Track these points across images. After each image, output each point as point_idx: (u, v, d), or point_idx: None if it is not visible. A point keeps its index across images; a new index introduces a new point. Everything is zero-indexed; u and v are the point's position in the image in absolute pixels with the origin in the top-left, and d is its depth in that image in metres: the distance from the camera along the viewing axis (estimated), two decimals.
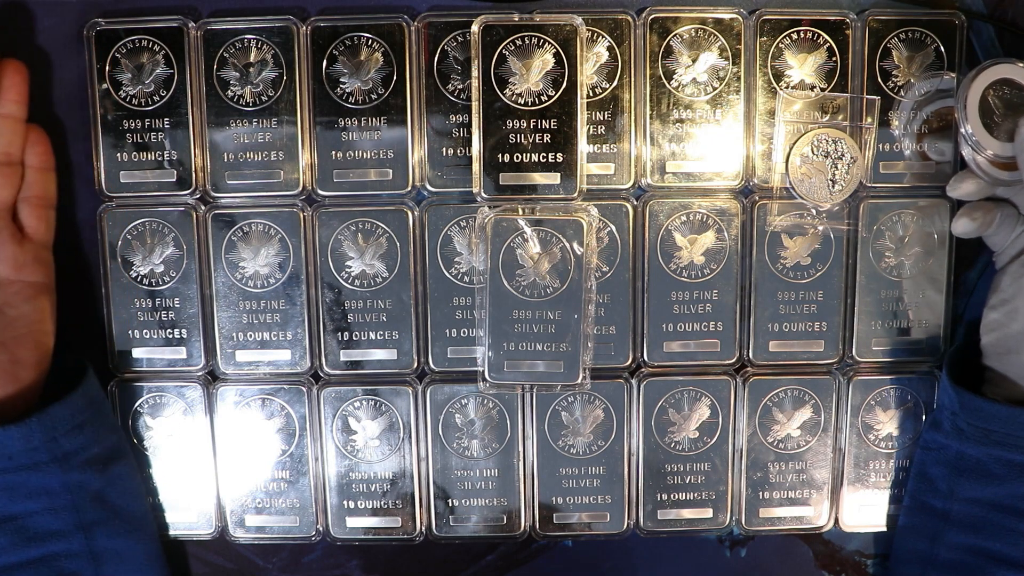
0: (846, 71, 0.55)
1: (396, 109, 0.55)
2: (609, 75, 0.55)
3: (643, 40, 0.54)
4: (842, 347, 0.57)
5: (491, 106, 0.54)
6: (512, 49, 0.54)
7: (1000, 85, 0.49)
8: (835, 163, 0.54)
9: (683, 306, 0.56)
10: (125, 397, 0.57)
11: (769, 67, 0.55)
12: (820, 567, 0.60)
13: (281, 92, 0.54)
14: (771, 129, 0.55)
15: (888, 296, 0.57)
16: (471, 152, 0.55)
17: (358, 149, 0.55)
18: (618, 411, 0.57)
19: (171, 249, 0.56)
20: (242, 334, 0.56)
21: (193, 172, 0.55)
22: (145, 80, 0.54)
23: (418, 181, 0.55)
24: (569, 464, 0.58)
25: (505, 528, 0.58)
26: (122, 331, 0.57)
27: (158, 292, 0.56)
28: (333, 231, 0.56)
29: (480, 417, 0.57)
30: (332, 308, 0.56)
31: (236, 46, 0.54)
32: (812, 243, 0.56)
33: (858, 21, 0.55)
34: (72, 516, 0.50)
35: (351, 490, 0.58)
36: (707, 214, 0.56)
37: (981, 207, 0.51)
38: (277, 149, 0.55)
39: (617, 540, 0.59)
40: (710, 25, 0.54)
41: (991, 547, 0.50)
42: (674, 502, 0.58)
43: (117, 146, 0.55)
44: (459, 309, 0.56)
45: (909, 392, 0.58)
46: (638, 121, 0.55)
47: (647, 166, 0.55)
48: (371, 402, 0.57)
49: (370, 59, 0.54)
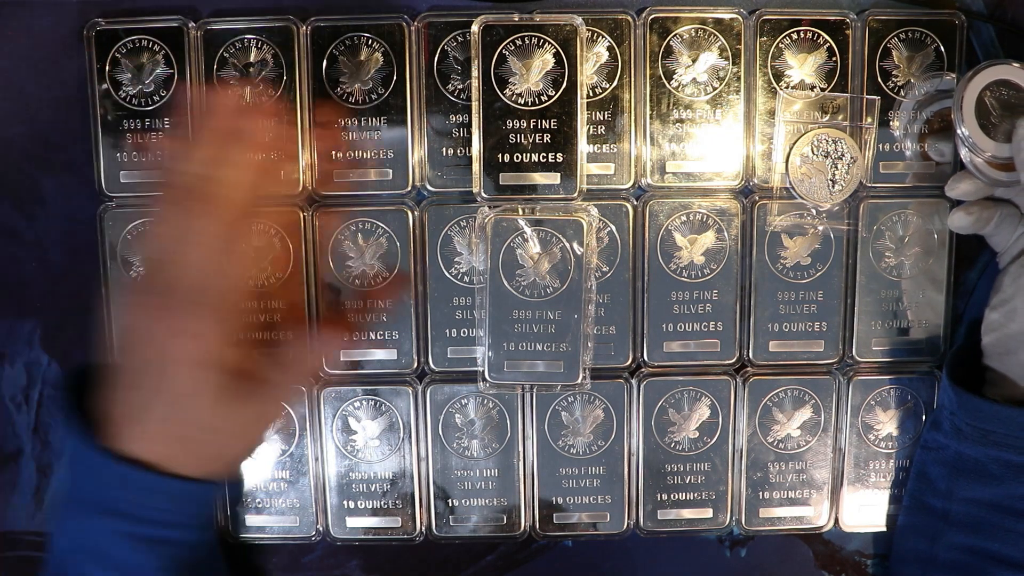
0: (846, 71, 0.55)
1: (396, 109, 0.55)
2: (609, 75, 0.55)
3: (643, 40, 0.54)
4: (842, 347, 0.57)
5: (491, 106, 0.54)
6: (512, 49, 0.54)
7: (997, 86, 0.49)
8: (835, 163, 0.54)
9: (683, 306, 0.56)
10: None
11: (769, 67, 0.55)
12: (820, 567, 0.60)
13: (281, 92, 0.54)
14: (771, 129, 0.55)
15: (888, 296, 0.57)
16: (471, 152, 0.55)
17: (358, 149, 0.55)
18: (618, 411, 0.57)
19: None
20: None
21: None
22: (145, 80, 0.54)
23: (418, 181, 0.55)
24: (569, 464, 0.58)
25: (505, 528, 0.58)
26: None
27: None
28: (333, 231, 0.56)
29: (480, 417, 0.57)
30: (332, 308, 0.56)
31: (236, 46, 0.54)
32: (812, 243, 0.56)
33: (858, 21, 0.55)
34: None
35: (351, 490, 0.58)
36: (707, 214, 0.56)
37: (979, 204, 0.51)
38: (277, 149, 0.55)
39: (617, 540, 0.59)
40: (710, 25, 0.54)
41: (990, 547, 0.50)
42: (674, 502, 0.58)
43: (117, 146, 0.55)
44: (459, 309, 0.56)
45: (909, 392, 0.58)
46: (638, 121, 0.55)
47: (647, 166, 0.55)
48: (371, 402, 0.57)
49: (370, 59, 0.54)
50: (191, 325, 0.43)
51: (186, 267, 0.43)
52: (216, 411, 0.44)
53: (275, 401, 0.49)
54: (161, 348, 0.43)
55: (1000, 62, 0.49)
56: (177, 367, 0.43)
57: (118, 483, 0.44)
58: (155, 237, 0.47)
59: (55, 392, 0.57)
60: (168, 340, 0.43)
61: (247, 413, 0.46)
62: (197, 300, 0.43)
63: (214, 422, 0.45)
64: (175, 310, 0.43)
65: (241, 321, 0.45)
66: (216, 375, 0.44)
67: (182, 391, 0.43)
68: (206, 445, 0.45)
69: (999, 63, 0.49)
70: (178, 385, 0.43)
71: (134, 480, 0.44)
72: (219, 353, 0.44)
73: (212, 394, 0.44)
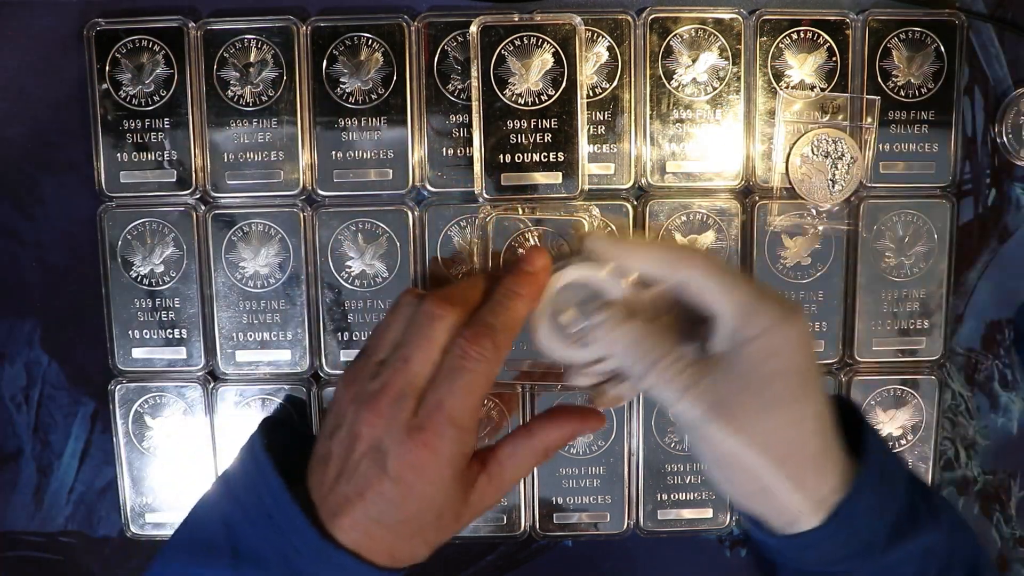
0: (846, 71, 0.55)
1: (396, 109, 0.55)
2: (609, 75, 0.55)
3: (643, 40, 0.54)
4: (842, 347, 0.57)
5: (491, 106, 0.54)
6: (511, 49, 0.54)
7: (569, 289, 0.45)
8: (835, 163, 0.54)
9: None
10: (125, 397, 0.57)
11: (769, 67, 0.55)
12: None
13: (281, 92, 0.54)
14: (771, 129, 0.55)
15: (888, 296, 0.57)
16: (471, 152, 0.55)
17: (358, 149, 0.55)
18: (618, 411, 0.57)
19: (171, 249, 0.56)
20: (242, 334, 0.56)
21: (193, 172, 0.55)
22: (145, 80, 0.54)
23: (418, 181, 0.55)
24: (569, 464, 0.58)
25: (505, 528, 0.58)
26: (122, 331, 0.57)
27: (158, 292, 0.56)
28: (333, 231, 0.56)
29: (480, 417, 0.57)
30: (332, 308, 0.56)
31: (236, 46, 0.54)
32: (812, 243, 0.56)
33: (858, 21, 0.55)
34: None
35: None
36: (707, 214, 0.56)
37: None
38: (277, 149, 0.55)
39: (617, 540, 0.59)
40: (710, 25, 0.54)
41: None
42: (674, 502, 0.58)
43: (117, 146, 0.55)
44: None
45: (909, 392, 0.58)
46: (638, 121, 0.55)
47: (647, 166, 0.55)
48: None
49: (370, 59, 0.54)
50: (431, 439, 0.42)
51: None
52: (448, 514, 0.43)
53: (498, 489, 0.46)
54: (405, 459, 0.42)
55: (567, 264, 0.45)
56: (423, 480, 0.42)
57: (327, 564, 0.42)
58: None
59: (53, 391, 0.57)
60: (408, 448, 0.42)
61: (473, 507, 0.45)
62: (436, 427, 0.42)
63: (444, 523, 0.44)
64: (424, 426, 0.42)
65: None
66: (459, 485, 0.43)
67: (423, 502, 0.42)
68: (424, 542, 0.44)
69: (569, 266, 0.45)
70: (419, 494, 0.42)
71: (348, 567, 0.42)
72: (464, 464, 0.43)
73: (449, 503, 0.43)
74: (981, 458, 0.59)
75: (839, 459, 0.43)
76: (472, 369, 0.42)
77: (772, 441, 0.40)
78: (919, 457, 0.58)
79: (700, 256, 0.43)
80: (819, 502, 0.41)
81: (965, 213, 0.57)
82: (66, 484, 0.58)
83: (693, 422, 0.41)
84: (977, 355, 0.59)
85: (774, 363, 0.40)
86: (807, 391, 0.41)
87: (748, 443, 0.40)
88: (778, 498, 0.41)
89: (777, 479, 0.41)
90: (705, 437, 0.41)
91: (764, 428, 0.40)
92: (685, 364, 0.41)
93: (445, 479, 0.42)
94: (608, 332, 0.43)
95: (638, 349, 0.42)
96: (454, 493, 0.43)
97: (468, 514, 0.45)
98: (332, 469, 0.43)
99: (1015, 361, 0.59)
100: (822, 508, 0.41)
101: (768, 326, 0.41)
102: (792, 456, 0.41)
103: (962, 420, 0.59)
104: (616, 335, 0.43)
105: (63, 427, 0.58)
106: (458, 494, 0.44)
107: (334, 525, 0.42)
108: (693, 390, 0.40)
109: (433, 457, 0.42)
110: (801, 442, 0.41)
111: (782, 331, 0.41)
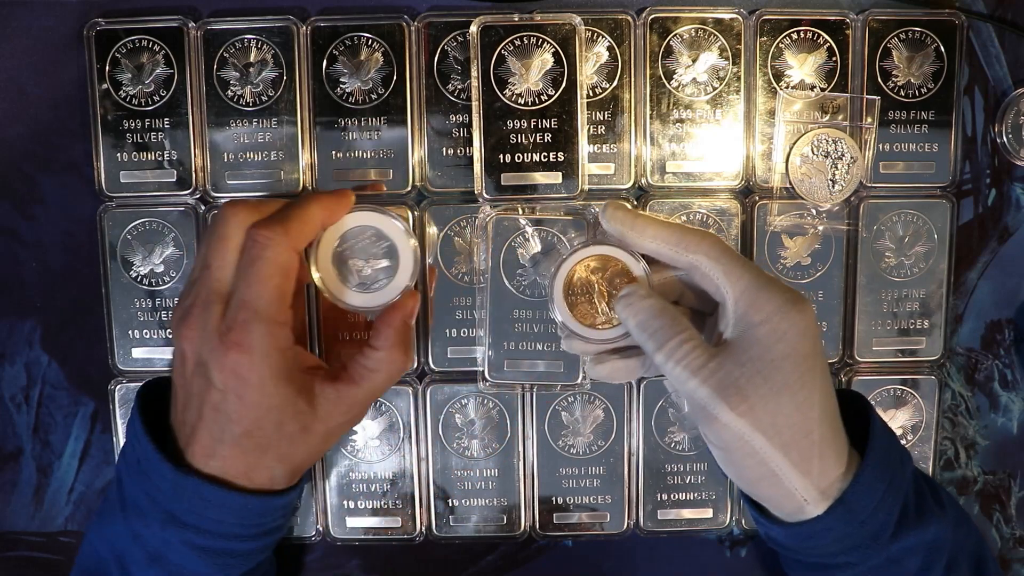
0: (846, 71, 0.55)
1: (396, 109, 0.55)
2: (609, 75, 0.55)
3: (643, 40, 0.54)
4: (842, 347, 0.57)
5: (491, 106, 0.54)
6: (511, 49, 0.54)
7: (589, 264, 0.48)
8: (835, 163, 0.55)
9: None
10: (125, 397, 0.57)
11: (769, 67, 0.55)
12: None
13: (281, 92, 0.55)
14: (771, 129, 0.55)
15: (888, 296, 0.57)
16: (471, 152, 0.55)
17: (358, 149, 0.55)
18: (618, 411, 0.57)
19: (171, 249, 0.56)
20: None
21: (193, 172, 0.55)
22: (145, 80, 0.54)
23: (418, 181, 0.55)
24: (569, 464, 0.58)
25: (505, 528, 0.58)
26: (122, 331, 0.56)
27: (158, 292, 0.56)
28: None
29: (480, 417, 0.57)
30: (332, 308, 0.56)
31: (236, 46, 0.54)
32: (812, 243, 0.56)
33: (858, 21, 0.55)
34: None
35: (351, 490, 0.58)
36: (707, 214, 0.56)
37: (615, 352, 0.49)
38: (277, 149, 0.55)
39: (617, 540, 0.59)
40: (710, 25, 0.54)
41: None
42: (674, 502, 0.58)
43: (117, 146, 0.55)
44: (459, 309, 0.56)
45: (909, 392, 0.58)
46: (638, 121, 0.55)
47: (647, 166, 0.55)
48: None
49: (370, 59, 0.54)
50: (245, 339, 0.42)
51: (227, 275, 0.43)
52: (290, 424, 0.44)
53: (358, 404, 0.47)
54: (223, 365, 0.42)
55: (588, 245, 0.48)
56: (245, 384, 0.42)
57: (186, 496, 0.43)
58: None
59: (53, 391, 0.57)
60: (230, 356, 0.42)
61: (325, 421, 0.45)
62: (248, 317, 0.42)
63: (288, 434, 0.44)
64: (233, 327, 0.42)
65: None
66: (286, 386, 0.43)
67: (255, 409, 0.42)
68: (279, 458, 0.44)
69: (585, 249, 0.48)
70: (249, 401, 0.42)
71: (206, 495, 0.43)
72: (284, 362, 0.43)
73: (286, 409, 0.43)
74: (981, 458, 0.59)
75: (845, 448, 0.43)
76: (261, 256, 0.42)
77: (779, 425, 0.41)
78: (919, 457, 0.58)
79: (710, 239, 0.44)
80: (824, 490, 0.42)
81: (965, 213, 0.57)
82: (66, 484, 0.58)
83: (701, 403, 0.41)
84: (977, 355, 0.59)
85: (781, 348, 0.41)
86: (814, 377, 0.42)
87: (755, 426, 0.40)
88: (784, 483, 0.42)
89: (783, 463, 0.41)
90: (713, 419, 0.41)
91: (772, 411, 0.41)
92: (695, 345, 0.42)
93: (267, 379, 0.42)
94: (627, 306, 0.44)
95: (654, 324, 0.43)
96: (288, 396, 0.43)
97: (319, 427, 0.45)
98: (179, 400, 0.45)
99: (1015, 361, 0.59)
100: (827, 496, 0.42)
101: (775, 311, 0.41)
102: (799, 441, 0.41)
103: (962, 420, 0.59)
104: (635, 309, 0.44)
105: (63, 427, 0.58)
106: (294, 399, 0.43)
107: (189, 455, 0.43)
108: (702, 371, 0.41)
109: (246, 356, 0.42)
110: (808, 428, 0.41)
111: (789, 317, 0.41)
